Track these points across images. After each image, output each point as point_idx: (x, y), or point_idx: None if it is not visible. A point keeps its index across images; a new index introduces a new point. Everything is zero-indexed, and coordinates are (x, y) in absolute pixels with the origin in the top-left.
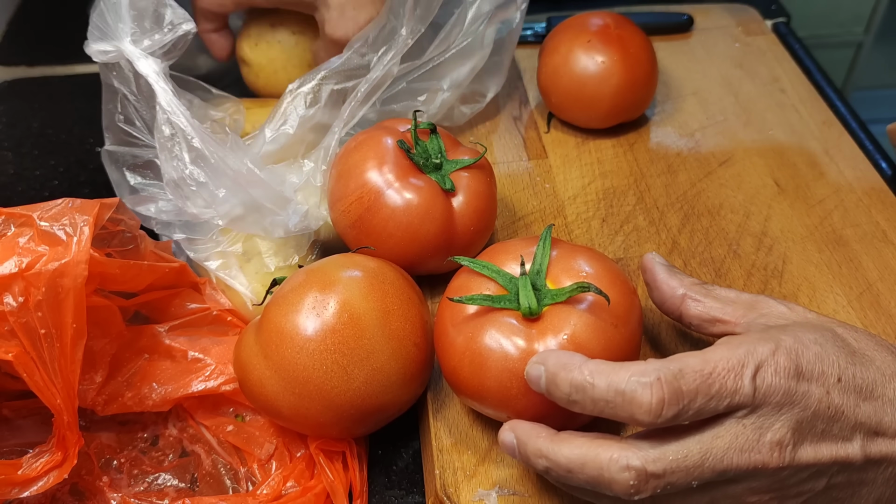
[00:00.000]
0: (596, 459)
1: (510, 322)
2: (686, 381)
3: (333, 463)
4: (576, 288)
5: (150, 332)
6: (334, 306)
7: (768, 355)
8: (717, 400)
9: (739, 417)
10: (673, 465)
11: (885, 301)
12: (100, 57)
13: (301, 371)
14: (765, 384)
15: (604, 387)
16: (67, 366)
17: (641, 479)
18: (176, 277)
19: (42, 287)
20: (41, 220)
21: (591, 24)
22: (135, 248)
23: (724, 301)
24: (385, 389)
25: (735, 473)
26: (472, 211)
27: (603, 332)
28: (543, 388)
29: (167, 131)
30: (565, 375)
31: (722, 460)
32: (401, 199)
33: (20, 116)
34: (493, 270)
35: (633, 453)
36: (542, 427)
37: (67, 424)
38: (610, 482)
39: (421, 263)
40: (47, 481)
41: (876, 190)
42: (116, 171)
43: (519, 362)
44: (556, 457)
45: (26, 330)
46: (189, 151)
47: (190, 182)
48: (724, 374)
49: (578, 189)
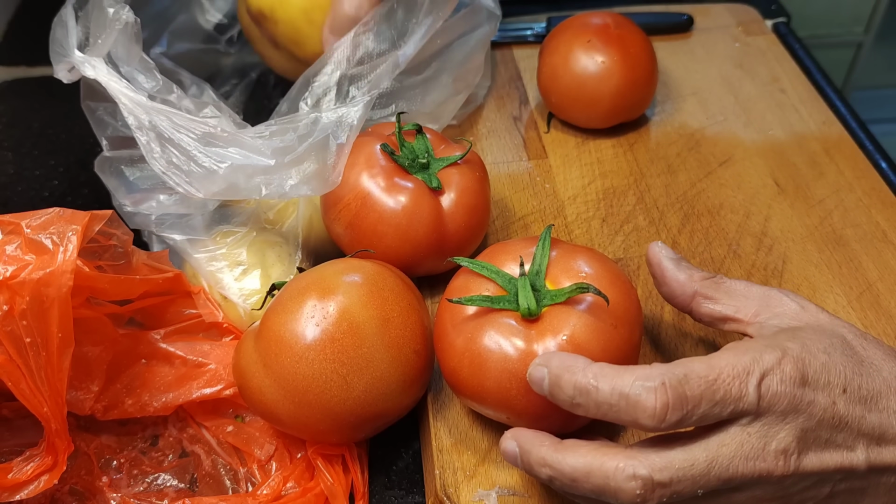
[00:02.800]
0: (601, 468)
1: (509, 323)
2: (691, 387)
3: (333, 466)
4: (575, 289)
5: (147, 338)
6: (333, 315)
7: (774, 363)
8: (721, 406)
9: (744, 425)
10: (679, 473)
11: (885, 301)
12: (64, 77)
13: (300, 380)
14: (769, 392)
15: (608, 390)
16: (54, 374)
17: (648, 488)
18: (170, 285)
19: (26, 296)
20: (29, 229)
21: (591, 24)
22: (126, 263)
23: (736, 297)
24: (385, 397)
25: (740, 482)
26: (462, 207)
27: (602, 332)
28: (546, 391)
29: (133, 122)
30: (569, 378)
31: (728, 468)
32: (387, 201)
33: (20, 116)
34: (493, 271)
35: (639, 462)
36: (545, 435)
37: (56, 432)
38: (616, 491)
39: (417, 264)
40: (37, 486)
41: (876, 190)
42: (113, 176)
43: (518, 363)
44: (560, 466)
45: (11, 338)
46: (157, 138)
47: (168, 165)
48: (728, 380)
49: (578, 189)
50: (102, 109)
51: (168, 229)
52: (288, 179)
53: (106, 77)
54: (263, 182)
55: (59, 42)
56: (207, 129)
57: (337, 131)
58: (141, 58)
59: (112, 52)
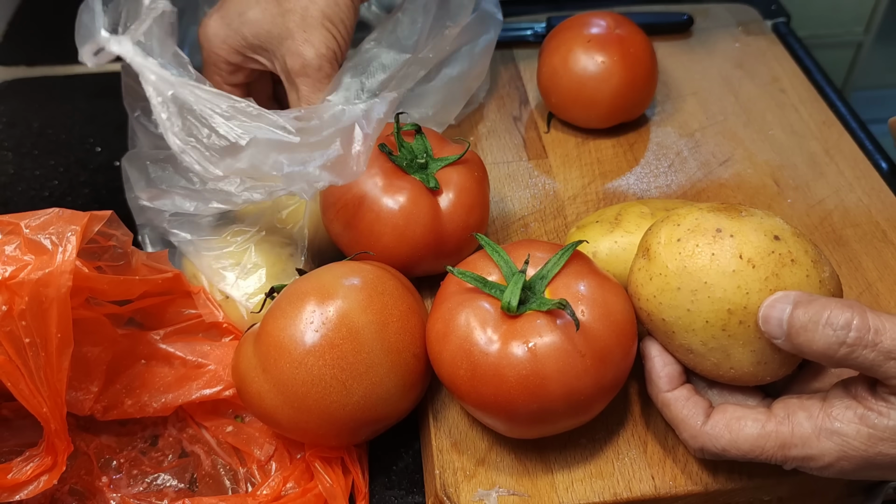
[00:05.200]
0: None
1: (487, 309)
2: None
3: (332, 467)
4: (556, 303)
5: (146, 338)
6: (333, 320)
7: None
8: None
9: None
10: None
11: (885, 301)
12: (89, 60)
13: (300, 386)
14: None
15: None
16: (53, 374)
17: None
18: (170, 285)
19: (25, 296)
20: (28, 229)
21: (591, 24)
22: (126, 263)
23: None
24: (384, 402)
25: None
26: (460, 207)
27: (565, 355)
28: (796, 324)
29: (156, 98)
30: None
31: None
32: (384, 201)
33: (20, 116)
34: (503, 258)
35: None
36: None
37: (55, 432)
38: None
39: (415, 264)
40: (37, 486)
41: (876, 190)
42: (137, 169)
43: (475, 346)
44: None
45: (10, 338)
46: (179, 112)
47: (188, 139)
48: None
49: (578, 189)
50: (140, 110)
51: (178, 227)
52: (311, 161)
53: (132, 53)
54: (286, 159)
55: (86, 25)
56: (233, 104)
57: (363, 122)
58: (174, 52)
59: (144, 45)
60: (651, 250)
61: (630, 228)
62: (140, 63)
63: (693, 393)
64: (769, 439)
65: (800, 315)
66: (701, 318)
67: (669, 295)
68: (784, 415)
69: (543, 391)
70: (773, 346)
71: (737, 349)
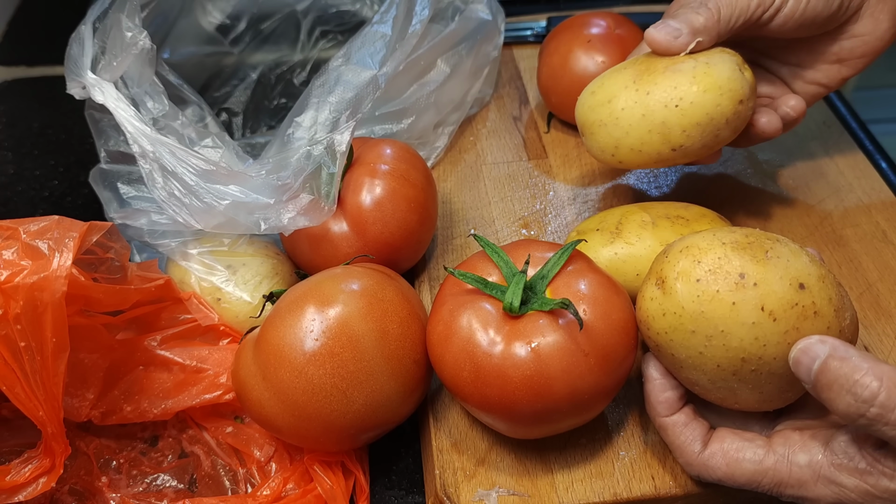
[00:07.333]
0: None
1: (489, 310)
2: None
3: (332, 470)
4: (559, 303)
5: (143, 344)
6: (333, 328)
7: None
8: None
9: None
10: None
11: (885, 301)
12: (77, 93)
13: (300, 395)
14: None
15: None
16: (49, 378)
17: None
18: (161, 293)
19: (20, 300)
20: (27, 235)
21: (591, 24)
22: (122, 276)
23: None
24: (384, 408)
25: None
26: (360, 222)
27: (569, 354)
28: (822, 379)
29: (137, 150)
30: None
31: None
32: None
33: (20, 116)
34: (503, 259)
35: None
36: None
37: (53, 435)
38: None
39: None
40: (35, 488)
41: (876, 190)
42: (107, 189)
43: (478, 347)
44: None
45: (6, 342)
46: (160, 169)
47: (170, 196)
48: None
49: (578, 189)
50: (106, 121)
51: (160, 237)
52: (285, 213)
53: (114, 104)
54: (262, 217)
55: (75, 60)
56: (208, 167)
57: (328, 161)
58: (152, 81)
59: (124, 73)
60: (667, 284)
61: (631, 240)
62: (122, 116)
63: (692, 418)
64: (766, 476)
65: (831, 369)
66: (713, 362)
67: (683, 335)
68: (784, 452)
69: (548, 391)
70: (781, 388)
71: (744, 391)
